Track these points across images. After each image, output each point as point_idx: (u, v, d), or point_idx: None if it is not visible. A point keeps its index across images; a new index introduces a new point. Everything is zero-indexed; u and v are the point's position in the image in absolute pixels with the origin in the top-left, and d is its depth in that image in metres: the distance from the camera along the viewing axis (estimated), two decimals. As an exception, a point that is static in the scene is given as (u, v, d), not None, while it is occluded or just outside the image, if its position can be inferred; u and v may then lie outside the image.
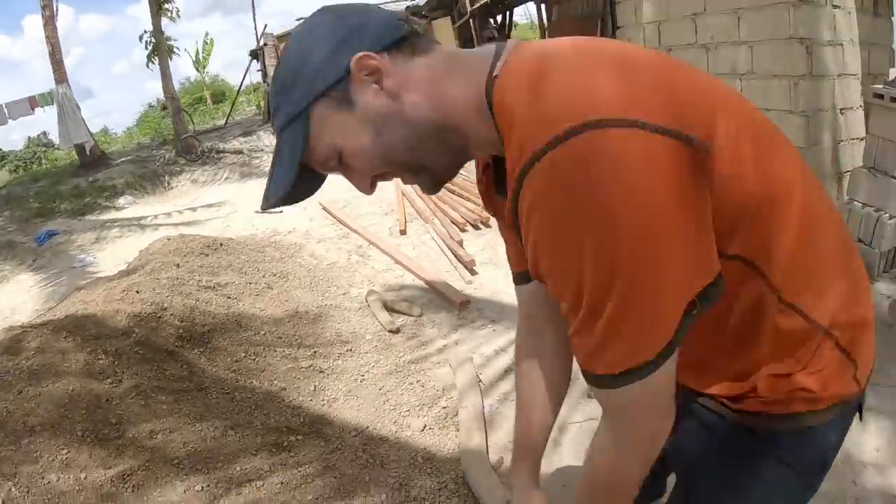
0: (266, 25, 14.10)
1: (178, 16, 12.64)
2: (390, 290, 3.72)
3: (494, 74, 0.68)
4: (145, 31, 12.60)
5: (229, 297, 3.36)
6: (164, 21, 12.32)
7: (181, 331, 2.82)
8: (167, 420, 2.20)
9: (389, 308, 3.32)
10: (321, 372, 2.73)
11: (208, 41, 20.78)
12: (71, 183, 11.11)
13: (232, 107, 15.86)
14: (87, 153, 11.72)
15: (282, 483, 2.00)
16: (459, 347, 2.97)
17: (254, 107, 15.92)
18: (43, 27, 11.49)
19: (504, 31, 8.62)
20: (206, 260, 3.88)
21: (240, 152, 11.82)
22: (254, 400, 2.43)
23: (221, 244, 4.26)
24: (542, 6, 7.17)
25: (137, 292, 3.13)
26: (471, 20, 9.04)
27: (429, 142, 0.72)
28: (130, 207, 9.86)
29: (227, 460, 2.05)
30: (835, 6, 3.78)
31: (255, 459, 2.10)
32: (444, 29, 11.99)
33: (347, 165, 0.74)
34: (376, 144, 0.70)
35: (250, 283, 3.65)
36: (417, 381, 2.63)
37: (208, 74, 21.18)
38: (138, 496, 1.86)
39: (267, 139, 12.69)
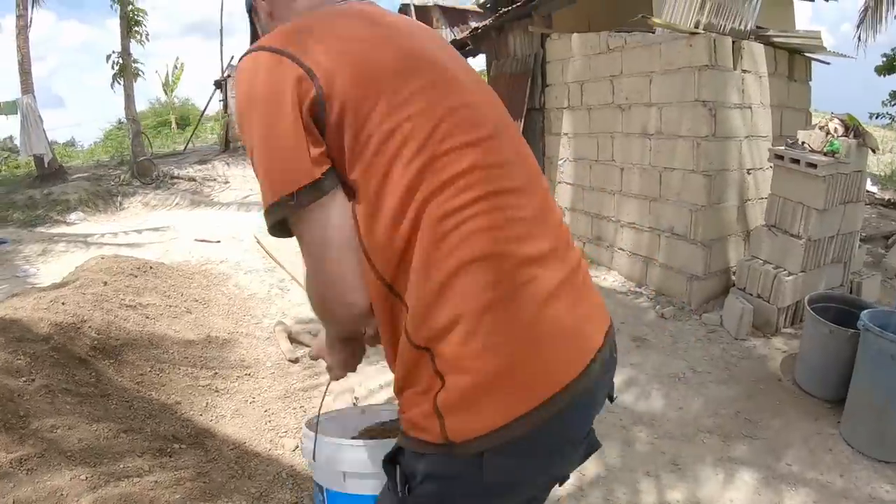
0: (233, 57, 14.58)
1: (148, 39, 12.94)
2: (299, 323, 4.08)
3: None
4: (113, 52, 12.86)
5: (148, 317, 3.67)
6: (133, 43, 12.66)
7: (96, 342, 3.12)
8: (68, 418, 2.50)
9: (293, 339, 3.68)
10: (216, 391, 3.06)
11: (178, 65, 20.94)
12: (26, 193, 11.13)
13: (192, 134, 16.13)
14: (45, 165, 11.79)
15: (156, 482, 2.31)
16: (348, 379, 3.34)
17: (215, 135, 16.16)
18: (16, 36, 11.72)
19: None
20: (133, 281, 4.19)
21: (193, 180, 12.11)
22: (149, 409, 2.75)
23: (151, 268, 4.58)
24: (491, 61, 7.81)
25: (63, 304, 3.43)
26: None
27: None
28: (81, 224, 9.97)
29: (114, 458, 2.36)
30: (745, 71, 4.04)
31: (138, 460, 2.41)
32: None
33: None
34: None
35: (171, 306, 3.97)
36: (301, 407, 2.99)
37: (177, 98, 21.34)
38: (31, 478, 2.16)
39: (221, 169, 13.03)
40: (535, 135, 5.80)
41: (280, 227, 0.88)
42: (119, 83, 12.75)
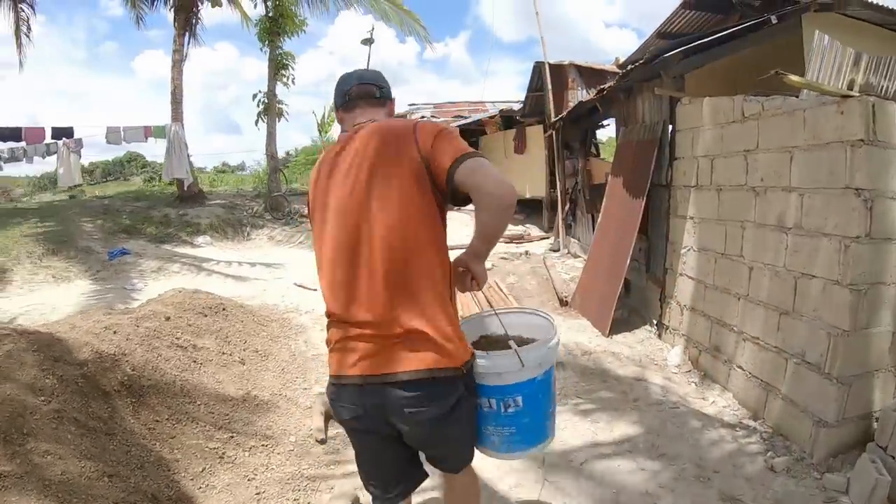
0: None
1: (293, 82, 14.62)
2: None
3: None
4: (260, 91, 14.61)
5: (195, 362, 3.91)
6: (279, 86, 14.41)
7: (126, 378, 3.35)
8: (64, 447, 2.68)
9: (328, 416, 3.69)
10: (221, 458, 3.12)
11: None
12: (164, 211, 12.78)
13: None
14: (185, 188, 13.54)
15: (109, 540, 2.39)
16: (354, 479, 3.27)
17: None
18: (171, 69, 13.81)
19: (586, 147, 9.17)
20: (199, 320, 4.52)
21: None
22: (144, 460, 2.86)
23: (224, 308, 4.92)
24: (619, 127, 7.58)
25: (114, 332, 3.77)
26: (553, 133, 9.72)
27: None
28: (206, 248, 11.17)
29: (83, 500, 2.49)
30: (913, 148, 3.14)
31: (105, 511, 2.52)
32: (535, 135, 12.77)
33: None
34: None
35: (225, 354, 4.20)
36: (295, 500, 2.96)
37: (329, 139, 23.60)
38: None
39: None
40: (660, 216, 5.42)
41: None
42: (263, 121, 14.45)
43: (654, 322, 5.57)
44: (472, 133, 16.11)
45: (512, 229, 12.27)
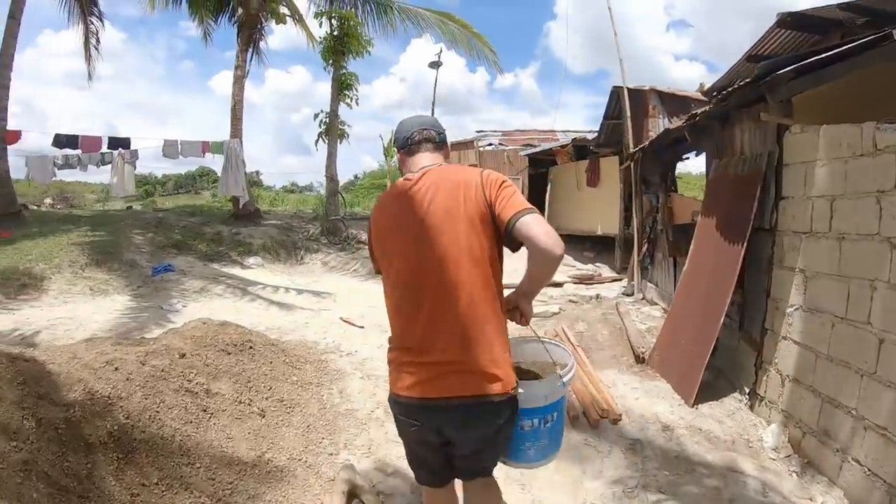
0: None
1: (357, 103, 14.37)
2: (377, 470, 3.45)
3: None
4: (322, 111, 14.40)
5: (204, 411, 3.38)
6: (342, 106, 14.18)
7: (117, 429, 2.84)
8: (19, 511, 2.20)
9: (352, 494, 3.07)
10: (212, 544, 2.57)
11: None
12: (217, 228, 12.62)
13: None
14: (241, 206, 13.39)
15: None
16: None
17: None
18: (232, 85, 13.77)
19: (667, 182, 8.35)
20: (221, 359, 4.00)
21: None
22: (111, 542, 2.35)
23: (251, 346, 4.40)
24: (711, 160, 6.77)
25: (115, 369, 3.29)
26: (631, 164, 8.96)
27: None
28: (256, 269, 10.86)
29: None
30: None
31: None
32: (609, 167, 11.99)
33: None
34: None
35: (242, 403, 3.66)
36: None
37: (394, 162, 23.51)
38: None
39: None
40: (761, 266, 4.59)
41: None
42: (324, 141, 14.23)
43: (746, 391, 4.73)
44: (541, 163, 15.48)
45: (581, 268, 11.51)
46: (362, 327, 6.61)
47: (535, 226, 1.92)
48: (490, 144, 15.58)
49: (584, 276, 10.20)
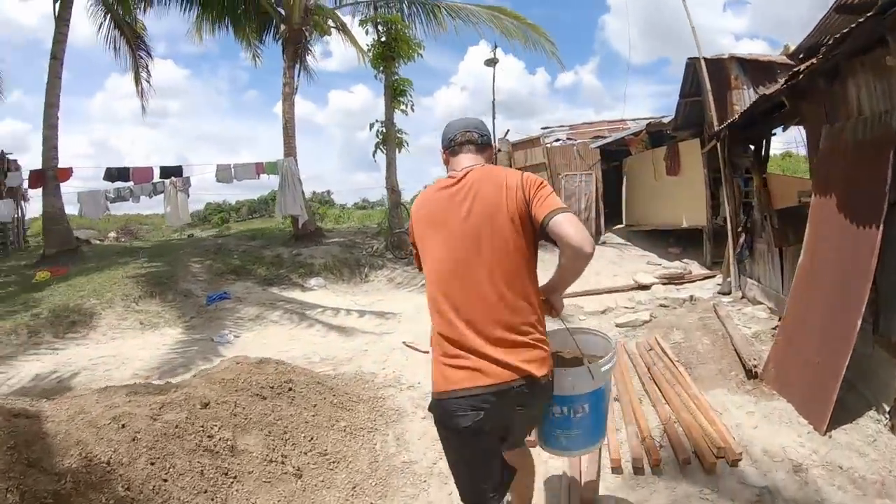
0: (508, 131, 14.65)
1: (413, 109, 13.72)
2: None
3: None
4: (377, 121, 13.86)
5: (226, 474, 2.80)
6: (397, 114, 13.67)
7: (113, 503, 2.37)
8: None
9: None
10: None
11: None
12: (276, 251, 12.33)
13: None
14: (300, 226, 13.10)
15: None
16: None
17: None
18: (281, 102, 13.47)
19: (759, 162, 7.24)
20: (253, 405, 3.43)
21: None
22: None
23: (291, 388, 3.81)
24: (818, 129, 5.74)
25: (122, 426, 2.78)
26: (718, 145, 7.92)
27: None
28: (318, 290, 10.45)
29: None
30: None
31: None
32: (690, 152, 10.97)
33: None
34: None
35: (274, 461, 3.06)
36: None
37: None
38: None
39: None
40: None
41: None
42: (382, 151, 13.75)
43: (886, 409, 3.81)
44: (614, 156, 14.51)
45: (668, 266, 10.56)
46: (427, 352, 6.00)
47: (567, 225, 2.05)
48: (557, 140, 14.71)
49: (672, 276, 9.26)
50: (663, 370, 5.25)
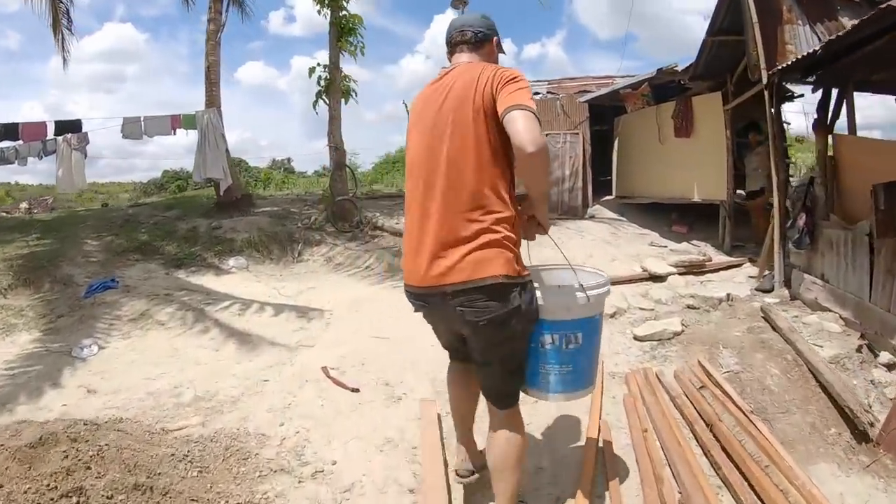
0: None
1: (363, 53, 11.37)
2: None
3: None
4: (318, 64, 11.31)
5: None
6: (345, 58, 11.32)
7: None
8: None
9: None
10: None
11: None
12: (193, 222, 10.11)
13: None
14: (221, 193, 10.85)
15: None
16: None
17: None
18: (205, 42, 11.12)
19: (828, 117, 5.49)
20: None
21: (399, 234, 9.90)
22: None
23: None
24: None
25: None
26: (768, 93, 6.01)
27: None
28: (236, 274, 8.32)
29: None
30: None
31: None
32: (707, 108, 9.17)
33: None
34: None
35: None
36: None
37: None
38: None
39: None
40: None
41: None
42: (325, 101, 11.37)
43: None
44: (604, 117, 12.49)
45: (676, 249, 8.73)
46: (357, 390, 3.98)
47: (516, 122, 1.99)
48: (537, 94, 12.55)
49: (693, 263, 7.35)
50: (733, 427, 3.41)
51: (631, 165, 11.57)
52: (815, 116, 5.77)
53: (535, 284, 2.26)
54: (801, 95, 9.63)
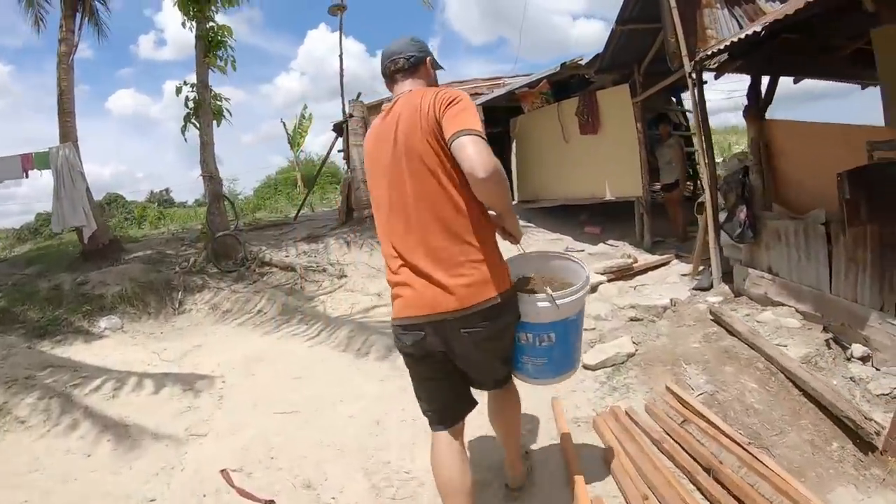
0: (360, 94, 11.85)
1: (234, 68, 10.37)
2: None
3: None
4: (185, 83, 10.28)
5: None
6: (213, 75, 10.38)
7: None
8: None
9: None
10: None
11: (306, 116, 19.63)
12: (57, 279, 8.79)
13: (305, 197, 13.56)
14: (86, 241, 9.56)
15: None
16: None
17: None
18: (56, 66, 9.84)
19: (758, 105, 5.29)
20: None
21: (291, 269, 9.00)
22: None
23: None
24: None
25: None
26: (693, 80, 5.71)
27: None
28: (110, 337, 7.20)
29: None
30: None
31: None
32: (614, 102, 8.88)
33: None
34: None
35: None
36: None
37: (304, 153, 20.20)
38: None
39: (336, 251, 9.93)
40: None
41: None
42: (195, 125, 10.33)
43: None
44: (498, 120, 12.05)
45: (597, 253, 8.39)
46: (272, 502, 3.17)
47: (467, 148, 2.03)
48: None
49: (622, 268, 6.98)
50: (737, 468, 2.93)
51: (533, 167, 11.20)
52: (745, 103, 5.50)
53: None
54: (706, 82, 9.59)
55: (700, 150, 6.05)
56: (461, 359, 2.35)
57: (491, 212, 2.32)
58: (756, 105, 5.43)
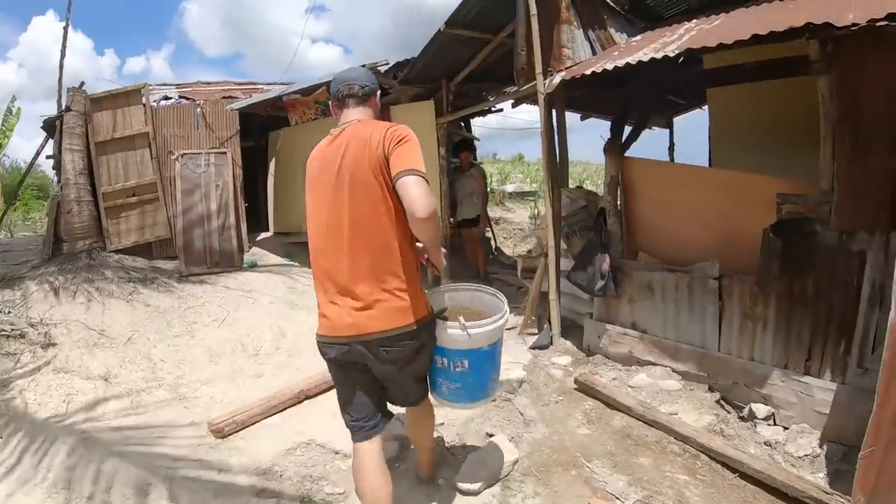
0: (83, 83, 9.28)
1: None
2: None
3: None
4: None
5: None
6: None
7: None
8: None
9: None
10: None
11: (13, 111, 15.93)
12: None
13: (3, 214, 10.58)
14: None
15: None
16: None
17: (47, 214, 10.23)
18: None
19: (620, 139, 5.09)
20: None
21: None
22: None
23: None
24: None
25: None
26: (546, 104, 5.28)
27: None
28: None
29: None
30: None
31: None
32: (413, 120, 7.15)
33: None
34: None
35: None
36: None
37: (8, 159, 16.71)
38: None
39: (40, 306, 5.91)
40: None
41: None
42: None
43: None
44: (252, 131, 10.64)
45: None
46: None
47: (410, 187, 2.22)
48: (167, 98, 10.11)
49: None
50: None
51: (297, 192, 9.78)
52: (608, 136, 5.12)
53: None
54: (501, 110, 9.30)
55: (546, 184, 5.53)
56: (379, 373, 2.58)
57: (419, 244, 2.52)
58: (619, 138, 5.11)
